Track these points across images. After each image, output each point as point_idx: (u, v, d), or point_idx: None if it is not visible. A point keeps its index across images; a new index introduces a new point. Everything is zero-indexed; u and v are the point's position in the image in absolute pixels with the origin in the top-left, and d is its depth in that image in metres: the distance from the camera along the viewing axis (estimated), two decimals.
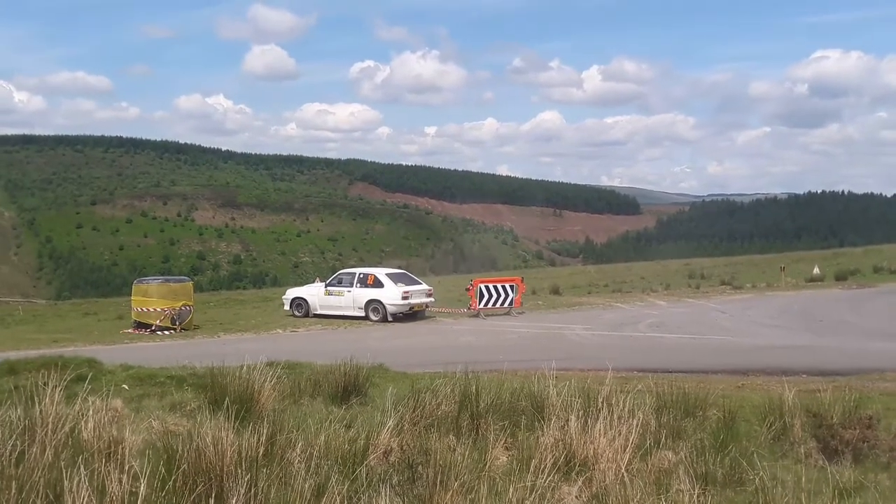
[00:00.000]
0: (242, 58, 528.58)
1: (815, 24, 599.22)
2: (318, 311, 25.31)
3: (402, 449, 5.81)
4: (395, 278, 25.16)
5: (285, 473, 4.72)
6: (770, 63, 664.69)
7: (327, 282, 26.02)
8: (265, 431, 5.26)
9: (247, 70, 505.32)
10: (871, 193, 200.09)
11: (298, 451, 5.12)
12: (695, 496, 4.76)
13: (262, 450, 5.03)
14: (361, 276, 25.12)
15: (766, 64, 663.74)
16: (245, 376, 7.53)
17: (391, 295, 24.20)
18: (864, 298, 30.36)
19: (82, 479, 4.30)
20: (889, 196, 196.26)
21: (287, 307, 26.33)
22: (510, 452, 6.24)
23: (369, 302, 24.42)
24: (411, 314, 24.73)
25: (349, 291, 24.87)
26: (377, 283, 24.58)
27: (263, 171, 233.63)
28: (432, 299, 25.64)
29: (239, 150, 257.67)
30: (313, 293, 25.92)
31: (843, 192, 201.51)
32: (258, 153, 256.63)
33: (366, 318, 24.34)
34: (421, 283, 25.96)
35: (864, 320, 23.36)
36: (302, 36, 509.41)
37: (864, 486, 5.78)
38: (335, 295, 25.11)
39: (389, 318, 24.05)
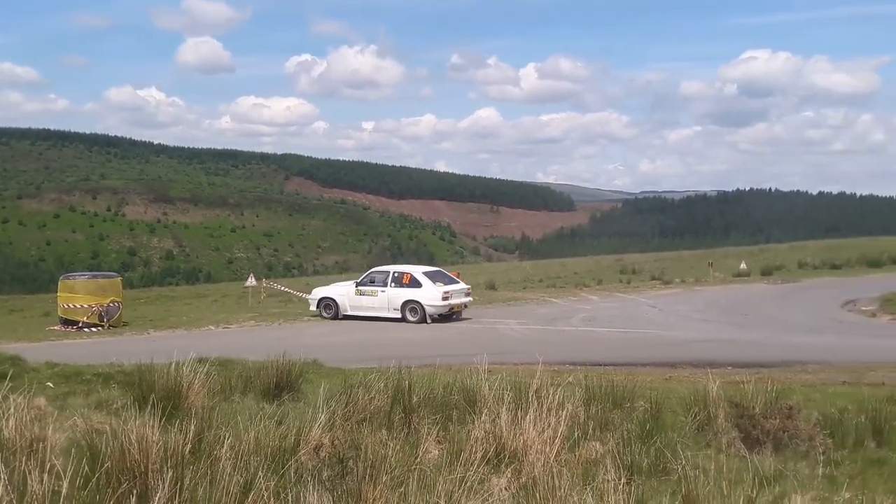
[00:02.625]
0: (176, 50, 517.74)
1: (744, 26, 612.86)
2: (349, 312, 23.70)
3: (333, 444, 5.80)
4: (432, 277, 23.65)
5: (212, 470, 4.67)
6: (701, 63, 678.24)
7: (358, 281, 24.22)
8: (192, 428, 5.20)
9: (181, 62, 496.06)
10: (797, 191, 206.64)
11: (227, 447, 5.07)
12: (620, 486, 4.85)
13: (188, 447, 4.97)
14: (396, 274, 23.50)
15: (697, 64, 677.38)
16: (174, 373, 7.42)
17: (431, 295, 22.66)
18: (788, 293, 31.26)
19: (1, 477, 4.19)
20: (814, 194, 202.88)
21: (314, 307, 24.50)
22: (442, 446, 6.28)
23: (406, 303, 22.85)
24: (448, 315, 23.11)
25: (383, 291, 23.24)
26: (414, 283, 23.02)
27: (197, 166, 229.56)
28: (469, 299, 24.12)
29: (171, 144, 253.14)
30: (342, 293, 24.15)
31: (770, 189, 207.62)
32: (191, 147, 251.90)
33: (402, 319, 22.75)
34: (459, 283, 24.23)
35: (787, 314, 24.04)
36: (238, 28, 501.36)
37: (784, 474, 5.96)
38: (367, 295, 23.46)
39: (428, 321, 22.51)
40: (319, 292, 24.90)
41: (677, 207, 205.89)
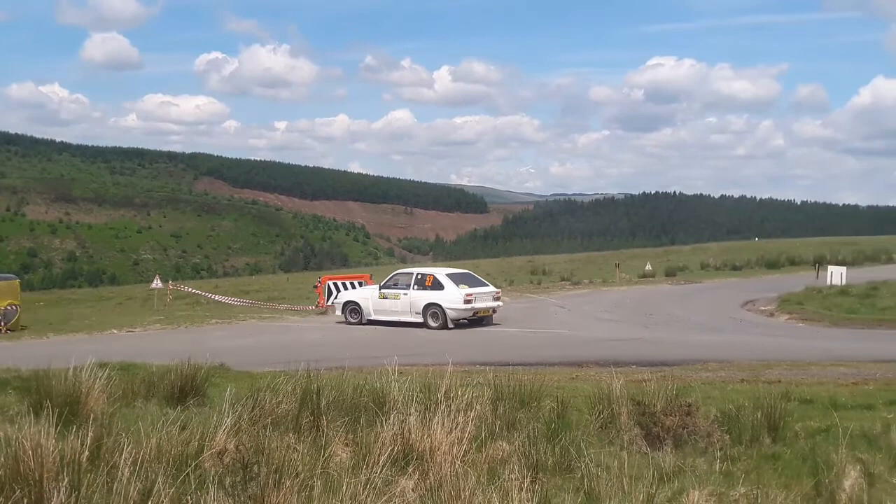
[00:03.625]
0: (81, 45, 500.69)
1: (651, 33, 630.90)
2: (373, 317, 22.45)
3: (237, 449, 5.71)
4: (456, 279, 22.16)
5: (111, 478, 4.55)
6: (610, 69, 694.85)
7: (381, 284, 22.93)
8: (91, 435, 5.06)
9: (85, 58, 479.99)
10: (701, 194, 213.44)
11: (126, 454, 4.94)
12: (525, 484, 4.92)
13: (86, 454, 4.84)
14: (419, 276, 22.20)
15: (606, 70, 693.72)
16: (72, 378, 7.19)
17: (452, 298, 21.33)
18: (690, 293, 32.22)
19: None
20: (717, 197, 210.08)
21: (339, 312, 23.22)
22: (350, 448, 6.26)
23: (428, 306, 21.55)
24: (476, 320, 21.91)
25: (405, 294, 21.96)
26: (436, 285, 21.69)
27: (101, 164, 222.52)
28: (500, 303, 22.76)
29: (75, 142, 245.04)
30: (366, 296, 22.90)
31: (674, 192, 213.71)
32: (96, 145, 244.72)
33: (424, 324, 21.53)
34: (487, 285, 23.05)
35: (689, 314, 24.76)
36: (146, 24, 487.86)
37: (683, 470, 6.09)
38: (390, 298, 22.22)
39: (450, 325, 21.24)
40: (345, 296, 23.72)
41: (586, 210, 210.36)
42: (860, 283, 28.41)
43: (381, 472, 4.92)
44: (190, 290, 34.49)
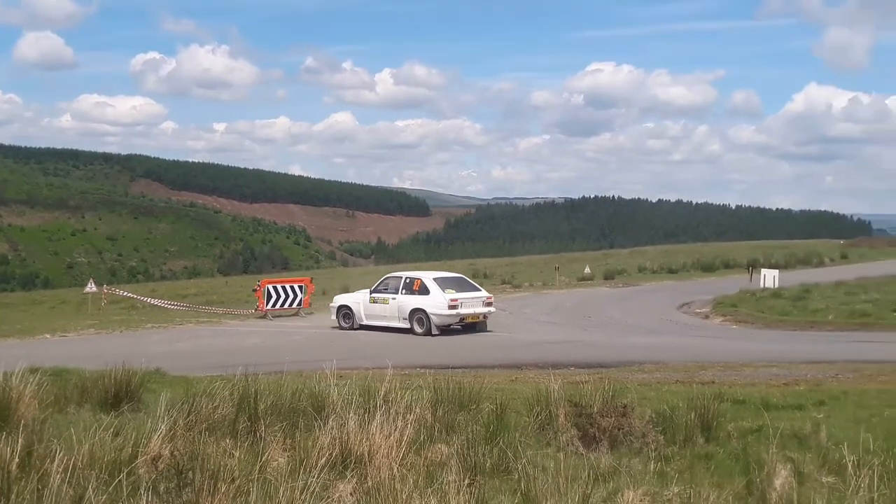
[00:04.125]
0: (14, 44, 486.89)
1: (590, 39, 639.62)
2: (364, 322, 22.08)
3: (172, 455, 5.63)
4: (443, 283, 21.52)
5: (42, 486, 4.46)
6: (550, 74, 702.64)
7: (373, 288, 22.39)
8: (21, 442, 4.95)
9: (18, 57, 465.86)
10: (639, 199, 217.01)
11: (58, 461, 4.84)
12: (463, 486, 4.96)
13: (16, 462, 4.73)
14: (408, 280, 21.70)
15: (546, 75, 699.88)
16: (2, 384, 7.01)
17: (436, 303, 20.77)
18: (628, 296, 32.68)
19: None
20: (654, 201, 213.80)
21: (333, 317, 22.73)
22: (288, 453, 6.22)
23: (413, 311, 21.05)
24: (468, 326, 21.34)
25: (394, 299, 21.50)
26: (423, 290, 21.19)
27: (34, 166, 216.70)
28: (492, 309, 21.83)
29: (7, 143, 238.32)
30: (358, 300, 22.45)
31: (613, 197, 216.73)
32: (28, 146, 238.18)
33: (411, 330, 21.03)
34: (479, 290, 22.23)
35: (627, 317, 25.10)
36: (81, 23, 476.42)
37: (618, 470, 6.17)
38: (380, 303, 21.79)
39: (435, 332, 20.71)
40: (339, 300, 23.21)
41: (527, 213, 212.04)
42: (792, 285, 29.15)
43: (318, 476, 4.90)
44: (125, 293, 33.81)
